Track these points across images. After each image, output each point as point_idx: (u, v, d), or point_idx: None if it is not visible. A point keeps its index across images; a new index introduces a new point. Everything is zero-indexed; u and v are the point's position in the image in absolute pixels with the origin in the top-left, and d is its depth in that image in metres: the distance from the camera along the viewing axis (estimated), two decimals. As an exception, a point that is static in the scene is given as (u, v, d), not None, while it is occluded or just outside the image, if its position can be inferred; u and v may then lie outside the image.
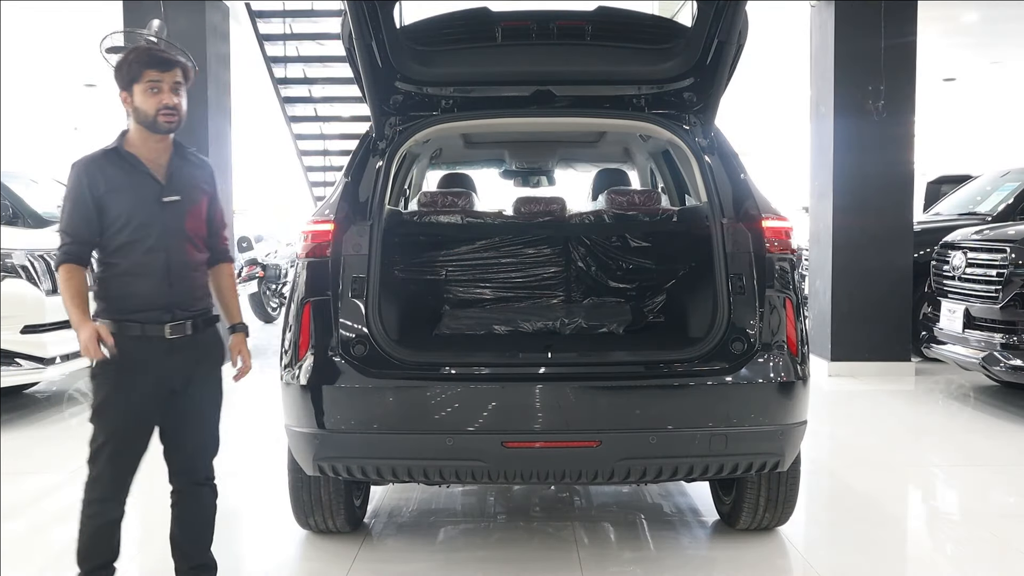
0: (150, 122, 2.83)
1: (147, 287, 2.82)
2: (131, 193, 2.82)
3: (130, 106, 2.86)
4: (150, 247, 2.82)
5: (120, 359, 2.77)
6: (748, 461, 3.20)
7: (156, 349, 2.82)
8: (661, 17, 4.61)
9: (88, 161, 2.85)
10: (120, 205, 2.80)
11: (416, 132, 3.75)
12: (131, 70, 2.83)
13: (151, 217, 2.83)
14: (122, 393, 2.81)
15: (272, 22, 10.66)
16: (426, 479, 3.26)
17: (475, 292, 4.36)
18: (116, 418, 2.83)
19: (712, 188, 3.53)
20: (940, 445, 5.46)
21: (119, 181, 2.82)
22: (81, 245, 2.82)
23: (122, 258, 2.82)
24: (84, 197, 2.80)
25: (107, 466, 2.86)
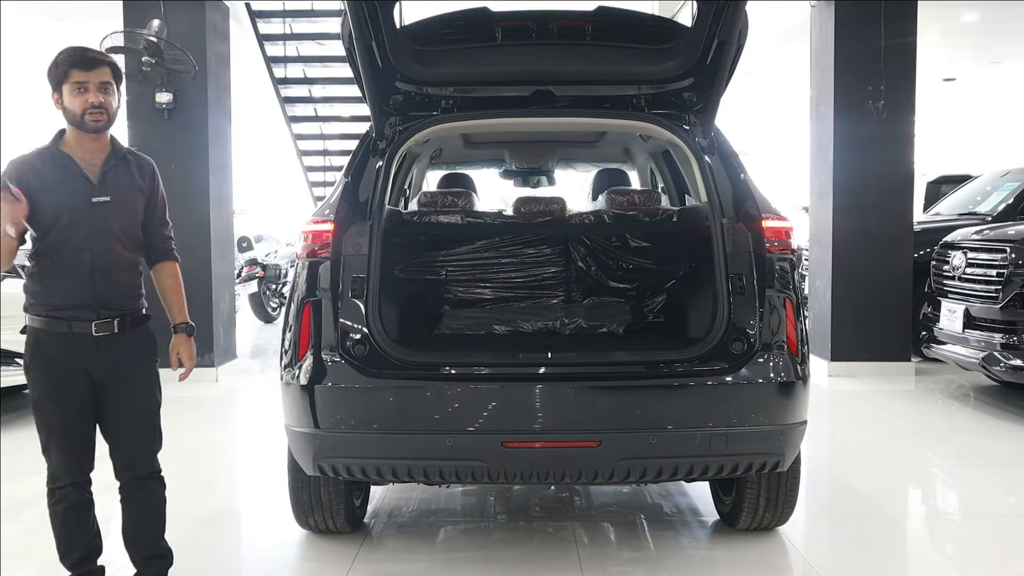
0: (78, 122, 2.86)
1: (73, 286, 2.86)
2: (61, 192, 2.84)
3: (60, 106, 2.88)
4: (76, 246, 2.85)
5: (49, 354, 2.86)
6: (748, 461, 3.20)
7: (83, 345, 2.86)
8: (661, 17, 4.62)
9: (21, 161, 2.88)
10: (49, 203, 2.82)
11: (416, 132, 3.75)
12: (58, 71, 2.86)
13: (79, 217, 2.86)
14: (55, 387, 2.88)
15: (272, 22, 10.66)
16: (426, 479, 3.26)
17: (475, 292, 4.36)
18: (53, 411, 2.89)
19: (712, 188, 3.53)
20: (940, 445, 5.46)
21: (50, 180, 2.84)
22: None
23: (50, 256, 2.86)
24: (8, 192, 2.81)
25: (56, 456, 2.91)
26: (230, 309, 7.92)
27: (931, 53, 12.10)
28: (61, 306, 2.87)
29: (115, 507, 3.12)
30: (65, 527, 2.97)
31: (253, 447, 5.62)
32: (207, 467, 4.96)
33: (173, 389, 7.23)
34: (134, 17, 7.16)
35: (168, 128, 7.27)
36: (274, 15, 10.58)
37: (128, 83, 7.20)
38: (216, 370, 7.37)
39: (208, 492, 4.44)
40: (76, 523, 2.98)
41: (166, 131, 7.27)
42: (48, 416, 2.90)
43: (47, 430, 2.91)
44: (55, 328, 2.87)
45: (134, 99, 7.27)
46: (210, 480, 4.66)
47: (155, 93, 7.16)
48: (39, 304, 2.89)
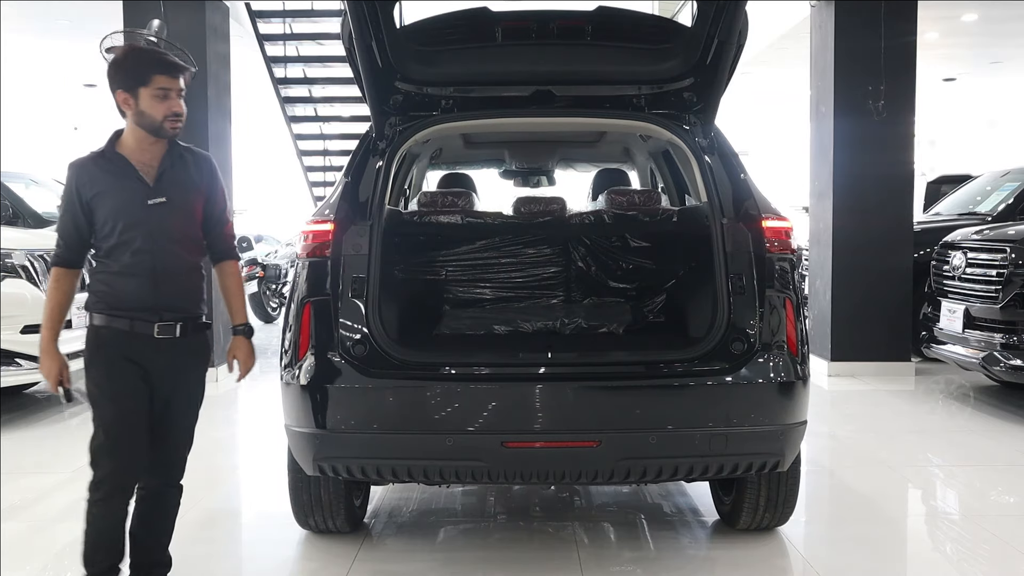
0: (156, 127, 2.83)
1: (135, 288, 2.84)
2: (118, 196, 2.81)
3: (132, 109, 2.82)
4: (137, 249, 2.83)
5: (109, 350, 2.85)
6: (748, 461, 3.20)
7: (143, 344, 2.84)
8: (661, 17, 4.62)
9: (79, 164, 2.85)
10: (107, 208, 2.81)
11: (416, 132, 3.75)
12: (138, 72, 2.79)
13: (137, 219, 2.82)
14: (112, 382, 2.85)
15: (272, 22, 10.66)
16: (426, 479, 3.26)
17: (475, 292, 4.35)
18: (110, 408, 2.84)
19: (712, 188, 3.53)
20: (940, 445, 5.46)
21: (107, 184, 2.82)
22: (69, 250, 2.88)
23: (112, 260, 2.84)
24: (74, 200, 2.82)
25: (108, 457, 2.83)
26: (230, 309, 7.91)
27: (931, 53, 12.10)
28: (123, 306, 2.85)
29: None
30: (100, 533, 2.88)
31: (253, 447, 5.62)
32: (207, 467, 4.96)
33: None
34: (134, 17, 7.15)
35: (168, 128, 7.26)
36: (274, 15, 10.58)
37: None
38: (216, 370, 7.36)
39: (208, 492, 4.44)
40: (114, 532, 2.90)
41: (166, 131, 7.26)
42: (105, 413, 2.85)
43: (103, 429, 2.84)
44: (116, 325, 2.84)
45: (134, 99, 7.26)
46: (210, 480, 4.66)
47: (155, 93, 7.15)
48: (101, 302, 2.87)
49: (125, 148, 2.86)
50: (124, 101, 2.82)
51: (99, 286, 2.87)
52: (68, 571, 3.60)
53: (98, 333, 2.88)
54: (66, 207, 2.86)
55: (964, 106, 18.17)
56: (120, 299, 2.84)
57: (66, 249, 2.88)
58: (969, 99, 17.27)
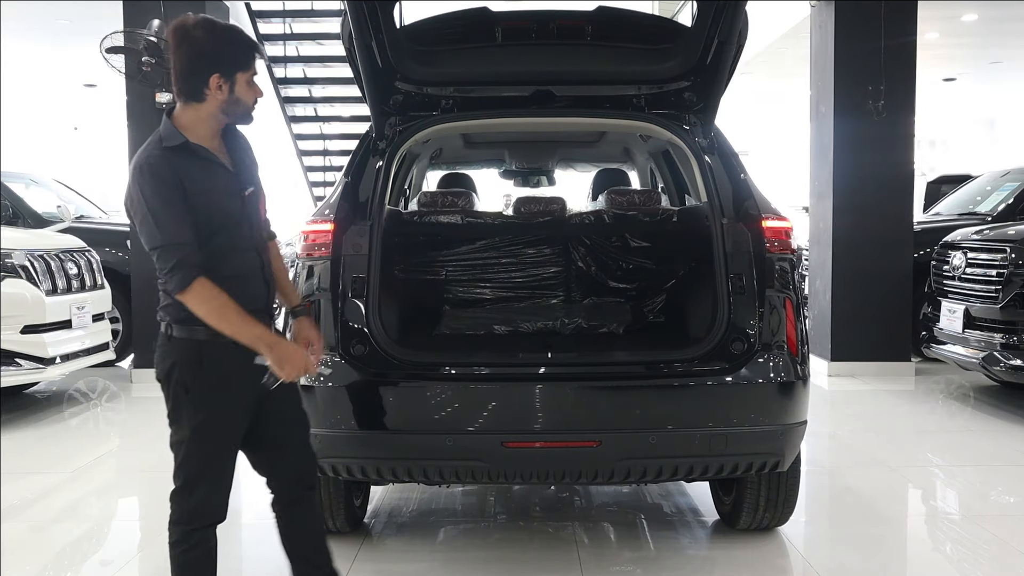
0: (246, 114, 2.54)
1: (251, 291, 2.55)
2: (216, 191, 2.48)
3: (223, 95, 2.46)
4: (244, 247, 2.55)
5: (217, 370, 2.48)
6: (748, 461, 3.20)
7: (248, 358, 2.49)
8: (661, 17, 4.62)
9: (160, 161, 2.41)
10: (207, 206, 2.44)
11: (416, 132, 3.75)
12: (239, 56, 2.47)
13: (238, 214, 2.54)
14: (225, 406, 2.52)
15: (272, 22, 10.66)
16: (426, 479, 3.26)
17: (475, 292, 4.35)
18: (218, 436, 2.54)
19: (712, 188, 3.53)
20: (940, 445, 5.46)
21: (201, 179, 2.45)
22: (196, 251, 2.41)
23: (220, 262, 2.47)
24: (176, 196, 2.38)
25: (206, 490, 2.54)
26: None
27: (931, 53, 12.10)
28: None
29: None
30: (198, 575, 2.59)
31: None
32: (207, 467, 4.96)
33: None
34: (134, 17, 7.14)
35: (168, 128, 7.25)
36: (274, 15, 10.58)
37: (128, 83, 7.21)
38: (216, 370, 7.36)
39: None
40: (209, 571, 2.63)
41: (166, 131, 7.25)
42: (211, 442, 2.52)
43: (203, 459, 2.52)
44: (220, 340, 2.44)
45: (134, 99, 7.26)
46: (210, 480, 4.66)
47: (155, 93, 7.14)
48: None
49: (195, 138, 2.50)
50: (218, 86, 2.46)
51: None
52: (68, 571, 3.60)
53: (202, 349, 2.47)
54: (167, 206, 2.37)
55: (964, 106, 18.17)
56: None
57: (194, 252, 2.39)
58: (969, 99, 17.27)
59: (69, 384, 7.23)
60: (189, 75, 2.48)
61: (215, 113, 2.50)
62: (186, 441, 2.51)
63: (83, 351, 6.36)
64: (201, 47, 2.47)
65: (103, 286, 6.82)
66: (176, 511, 2.55)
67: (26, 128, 17.56)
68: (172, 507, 2.56)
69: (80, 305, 6.36)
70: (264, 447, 2.69)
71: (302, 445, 2.77)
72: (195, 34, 2.49)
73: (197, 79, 2.47)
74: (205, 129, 2.51)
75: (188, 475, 2.53)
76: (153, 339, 2.57)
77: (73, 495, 4.51)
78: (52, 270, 6.14)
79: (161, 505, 3.24)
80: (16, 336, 5.82)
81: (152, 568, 3.57)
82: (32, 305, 5.91)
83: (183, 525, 2.55)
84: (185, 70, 2.49)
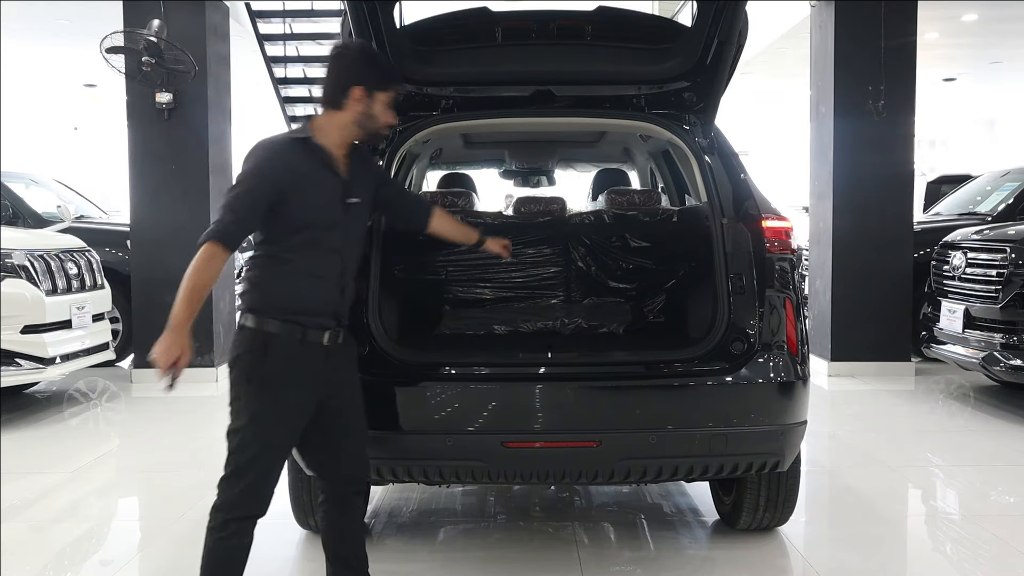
0: (375, 133, 2.75)
1: (321, 291, 2.67)
2: (319, 191, 2.63)
3: (362, 107, 2.67)
4: (330, 248, 2.66)
5: (280, 362, 2.59)
6: (748, 461, 3.20)
7: (312, 354, 2.64)
8: (661, 17, 4.62)
9: (276, 145, 2.64)
10: (304, 201, 2.60)
11: (416, 132, 3.75)
12: (387, 77, 2.72)
13: (334, 217, 2.66)
14: (282, 397, 2.61)
15: (272, 22, 10.66)
16: (426, 479, 3.26)
17: (475, 292, 4.35)
18: (272, 426, 2.62)
19: (712, 188, 3.53)
20: (940, 445, 5.46)
21: (307, 175, 2.61)
22: (240, 228, 2.55)
23: (300, 257, 2.63)
24: (265, 181, 2.56)
25: (252, 480, 2.60)
26: (230, 309, 7.92)
27: (931, 53, 12.10)
28: (302, 311, 2.62)
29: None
30: (229, 565, 2.63)
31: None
32: (207, 467, 4.95)
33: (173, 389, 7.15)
34: (134, 17, 7.15)
35: (168, 128, 7.27)
36: (274, 15, 10.58)
37: (128, 83, 7.21)
38: (216, 370, 7.37)
39: (208, 492, 4.42)
40: (239, 564, 2.65)
41: (166, 131, 7.27)
42: (265, 432, 2.60)
43: (257, 449, 2.59)
44: (290, 334, 2.58)
45: (134, 99, 7.27)
46: (210, 480, 4.64)
47: (155, 93, 7.16)
48: (276, 306, 2.61)
49: (322, 140, 2.69)
50: (358, 98, 2.67)
51: (276, 287, 2.63)
52: (68, 571, 3.60)
53: (269, 340, 2.59)
54: (250, 184, 2.56)
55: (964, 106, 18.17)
56: (302, 303, 2.63)
57: (236, 226, 2.54)
58: (969, 99, 17.28)
59: (69, 384, 7.23)
60: (335, 85, 2.70)
61: (350, 123, 2.70)
62: (242, 430, 2.60)
63: (83, 351, 6.37)
64: (350, 61, 2.72)
65: (103, 286, 6.82)
66: (220, 497, 2.62)
67: (26, 128, 17.57)
68: (218, 493, 2.63)
69: (80, 305, 6.36)
70: (320, 446, 2.80)
71: (357, 448, 2.87)
72: (349, 51, 2.81)
73: (341, 89, 2.68)
74: (336, 136, 2.70)
75: (238, 463, 2.60)
76: (152, 339, 2.62)
77: (73, 495, 4.51)
78: (52, 270, 6.14)
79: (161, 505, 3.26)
80: (16, 336, 5.82)
81: (152, 568, 3.57)
82: (32, 305, 5.91)
83: (224, 512, 2.61)
84: (332, 80, 2.72)
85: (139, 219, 7.40)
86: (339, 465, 2.85)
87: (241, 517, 2.62)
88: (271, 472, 2.65)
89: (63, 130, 18.94)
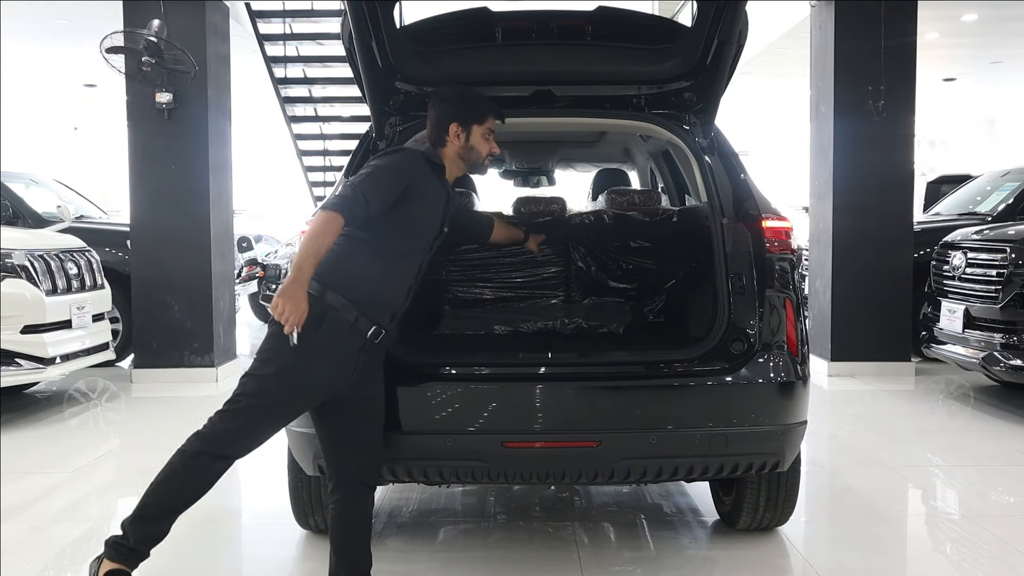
0: (478, 164, 3.05)
1: (393, 290, 2.88)
2: (432, 206, 2.91)
3: (460, 142, 3.00)
4: (416, 256, 2.92)
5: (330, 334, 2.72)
6: (748, 461, 3.20)
7: (353, 341, 2.78)
8: (661, 17, 4.61)
9: (415, 155, 2.93)
10: (420, 211, 2.85)
11: (416, 132, 3.75)
12: (480, 110, 3.00)
13: (432, 235, 2.94)
14: (317, 369, 2.73)
15: (272, 22, 10.67)
16: (426, 479, 3.26)
17: (475, 292, 4.35)
18: (296, 389, 2.74)
19: (712, 188, 3.53)
20: (940, 445, 5.46)
21: (430, 188, 2.90)
22: (363, 209, 2.73)
23: (391, 254, 2.85)
24: (402, 180, 2.82)
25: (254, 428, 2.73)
26: (230, 309, 7.92)
27: (931, 53, 12.10)
28: (369, 300, 2.79)
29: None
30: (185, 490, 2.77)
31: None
32: (207, 467, 4.96)
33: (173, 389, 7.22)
34: (134, 17, 7.15)
35: (168, 128, 7.27)
36: (274, 15, 10.59)
37: (128, 83, 7.21)
38: (216, 370, 7.37)
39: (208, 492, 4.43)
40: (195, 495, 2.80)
41: (166, 131, 7.27)
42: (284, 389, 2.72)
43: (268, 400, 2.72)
44: (345, 313, 2.75)
45: (134, 99, 7.27)
46: (210, 480, 4.66)
47: (155, 93, 7.16)
48: (347, 284, 2.76)
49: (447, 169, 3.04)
50: (456, 134, 2.99)
51: (358, 267, 2.78)
52: (68, 571, 3.60)
53: (327, 312, 2.72)
54: (386, 175, 2.81)
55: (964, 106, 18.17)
56: (372, 292, 2.80)
57: (359, 206, 2.73)
58: (969, 99, 17.27)
59: (69, 384, 7.23)
60: (436, 125, 3.04)
61: (454, 158, 3.03)
62: (262, 378, 2.71)
63: (83, 351, 6.37)
64: (445, 102, 3.04)
65: (103, 286, 6.82)
66: (207, 428, 2.73)
67: (26, 128, 17.56)
68: (206, 423, 2.74)
69: (80, 305, 6.36)
70: (338, 435, 2.89)
71: (374, 444, 2.95)
72: (445, 94, 3.09)
73: (441, 128, 3.01)
74: (449, 166, 3.05)
75: (241, 405, 2.71)
76: (152, 339, 2.63)
77: (73, 495, 4.51)
78: (52, 270, 6.14)
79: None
80: (16, 336, 5.82)
81: (152, 568, 3.56)
82: (32, 305, 5.91)
83: (203, 443, 2.72)
84: (433, 121, 3.05)
85: (139, 219, 7.40)
86: (356, 458, 2.92)
87: (218, 455, 2.71)
88: (265, 428, 2.75)
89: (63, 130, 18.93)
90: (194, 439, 2.74)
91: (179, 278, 7.34)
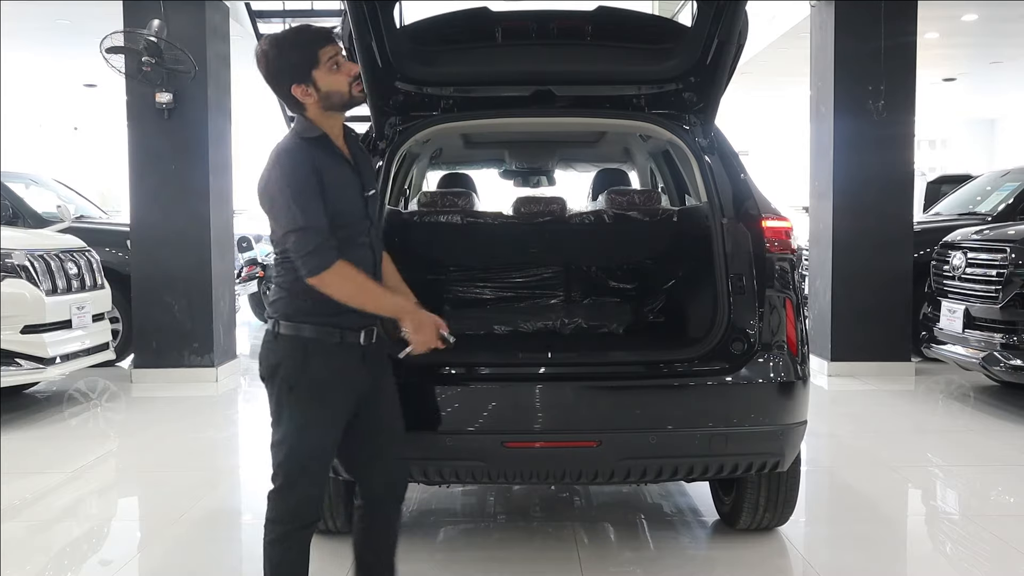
0: (346, 100, 2.52)
1: None
2: (344, 186, 2.52)
3: (314, 97, 2.48)
4: (361, 243, 2.57)
5: (320, 371, 2.51)
6: (748, 461, 3.20)
7: (351, 356, 2.55)
8: (661, 17, 4.62)
9: (299, 146, 2.49)
10: (336, 200, 2.47)
11: (416, 132, 3.75)
12: (304, 55, 2.46)
13: (360, 212, 2.57)
14: (326, 407, 2.53)
15: (272, 22, 10.66)
16: (426, 479, 3.26)
17: (475, 292, 4.35)
18: (316, 435, 2.55)
19: (712, 188, 3.53)
20: (940, 445, 5.46)
21: (333, 174, 2.49)
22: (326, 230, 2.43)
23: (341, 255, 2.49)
24: (313, 182, 2.42)
25: (305, 490, 2.55)
26: (230, 309, 7.92)
27: (931, 53, 12.09)
28: (338, 311, 2.48)
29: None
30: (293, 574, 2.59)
31: (253, 447, 5.61)
32: (207, 467, 4.96)
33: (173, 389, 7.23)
34: (134, 17, 7.15)
35: (168, 128, 7.27)
36: (274, 15, 10.57)
37: (128, 83, 7.21)
38: (216, 370, 7.37)
39: (208, 492, 4.44)
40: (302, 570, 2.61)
41: (166, 131, 7.27)
42: (313, 440, 2.54)
43: (306, 458, 2.53)
44: (326, 339, 2.49)
45: (134, 99, 7.27)
46: (210, 480, 4.66)
47: (155, 93, 7.15)
48: (313, 313, 2.49)
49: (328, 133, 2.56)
50: (304, 93, 2.48)
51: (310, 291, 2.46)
52: (68, 571, 3.60)
53: (307, 347, 2.50)
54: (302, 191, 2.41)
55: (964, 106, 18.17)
56: (338, 304, 2.47)
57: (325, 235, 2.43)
58: (969, 99, 17.27)
59: (69, 384, 7.23)
60: (282, 98, 2.55)
61: (324, 115, 2.53)
62: (288, 439, 2.53)
63: (83, 351, 6.37)
64: (272, 67, 2.50)
65: (103, 286, 6.82)
66: (274, 510, 2.56)
67: (26, 128, 17.56)
68: (270, 506, 2.57)
69: (80, 305, 6.36)
70: (361, 451, 2.72)
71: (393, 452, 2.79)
72: (262, 55, 2.52)
73: (288, 98, 2.52)
74: (327, 126, 2.54)
75: (288, 474, 2.53)
76: (152, 339, 2.58)
77: (73, 495, 4.51)
78: (52, 270, 6.14)
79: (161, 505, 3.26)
80: (16, 336, 5.82)
81: (152, 568, 3.57)
82: (32, 305, 5.91)
83: (282, 525, 2.55)
84: (278, 96, 2.55)
85: (139, 219, 7.40)
86: (383, 471, 2.76)
87: (301, 527, 2.57)
88: (321, 478, 2.61)
89: (63, 130, 18.93)
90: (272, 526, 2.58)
91: (179, 278, 7.34)
